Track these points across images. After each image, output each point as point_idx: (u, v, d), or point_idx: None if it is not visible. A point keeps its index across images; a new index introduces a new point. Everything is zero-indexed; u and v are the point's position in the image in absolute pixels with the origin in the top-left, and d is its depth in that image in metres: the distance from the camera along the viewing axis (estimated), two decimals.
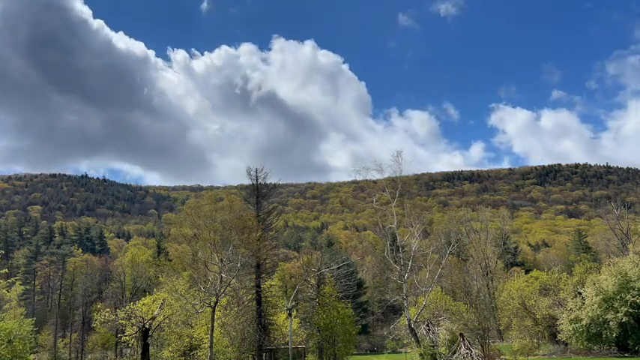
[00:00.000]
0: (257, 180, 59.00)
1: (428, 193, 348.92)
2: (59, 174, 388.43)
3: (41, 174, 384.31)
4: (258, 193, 58.68)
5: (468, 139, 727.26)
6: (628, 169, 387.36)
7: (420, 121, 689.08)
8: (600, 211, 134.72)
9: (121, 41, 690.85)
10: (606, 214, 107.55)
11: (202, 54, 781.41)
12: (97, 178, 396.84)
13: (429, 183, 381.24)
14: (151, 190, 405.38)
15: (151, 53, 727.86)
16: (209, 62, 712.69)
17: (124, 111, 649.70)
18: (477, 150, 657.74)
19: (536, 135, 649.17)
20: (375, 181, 66.59)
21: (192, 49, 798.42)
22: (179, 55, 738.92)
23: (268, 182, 60.18)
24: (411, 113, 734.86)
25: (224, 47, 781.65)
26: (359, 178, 63.78)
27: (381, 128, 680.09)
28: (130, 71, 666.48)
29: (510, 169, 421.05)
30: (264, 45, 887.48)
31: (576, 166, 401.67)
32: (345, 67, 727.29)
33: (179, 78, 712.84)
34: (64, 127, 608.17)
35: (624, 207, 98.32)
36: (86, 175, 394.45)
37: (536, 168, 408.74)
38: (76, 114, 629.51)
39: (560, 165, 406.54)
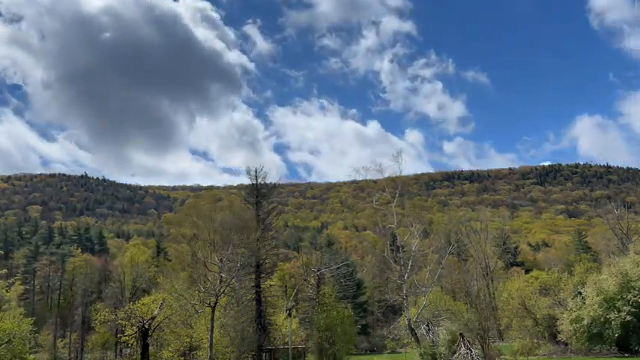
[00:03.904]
0: (257, 180, 59.00)
1: (428, 193, 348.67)
2: (59, 174, 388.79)
3: (41, 174, 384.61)
4: (257, 193, 58.65)
5: None
6: (628, 169, 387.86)
7: None
8: (600, 211, 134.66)
9: None
10: (606, 214, 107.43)
11: None
12: (97, 178, 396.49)
13: (429, 183, 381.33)
14: (150, 190, 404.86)
15: None
16: None
17: None
18: None
19: None
20: (375, 181, 66.52)
21: None
22: None
23: (268, 182, 60.28)
24: None
25: None
26: (359, 178, 63.71)
27: None
28: None
29: (510, 168, 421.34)
30: None
31: (576, 166, 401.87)
32: None
33: None
34: None
35: (624, 207, 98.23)
36: (86, 175, 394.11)
37: (536, 168, 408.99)
38: None
39: (560, 165, 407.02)
